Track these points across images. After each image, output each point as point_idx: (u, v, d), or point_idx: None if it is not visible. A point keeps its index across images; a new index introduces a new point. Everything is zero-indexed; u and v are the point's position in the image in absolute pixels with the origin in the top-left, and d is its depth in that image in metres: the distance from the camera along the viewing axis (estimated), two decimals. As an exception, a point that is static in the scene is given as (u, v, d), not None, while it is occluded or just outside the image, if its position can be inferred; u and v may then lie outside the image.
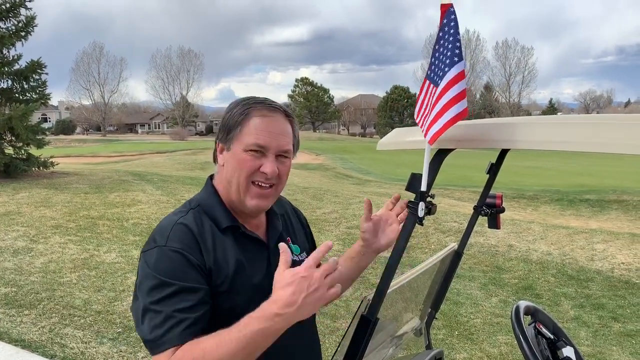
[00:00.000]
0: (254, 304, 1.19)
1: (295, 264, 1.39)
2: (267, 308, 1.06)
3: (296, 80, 78.67)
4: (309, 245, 1.54)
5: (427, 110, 1.26)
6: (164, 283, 1.14)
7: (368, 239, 1.49)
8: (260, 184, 1.26)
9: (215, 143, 1.33)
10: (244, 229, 1.30)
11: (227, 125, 1.28)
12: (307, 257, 1.44)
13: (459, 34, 1.20)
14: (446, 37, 1.21)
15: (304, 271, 1.05)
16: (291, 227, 1.48)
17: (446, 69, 1.20)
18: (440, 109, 1.19)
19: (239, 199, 1.28)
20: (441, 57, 1.23)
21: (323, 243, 1.10)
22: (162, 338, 1.11)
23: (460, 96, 1.18)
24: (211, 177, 1.38)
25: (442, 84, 1.20)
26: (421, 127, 1.27)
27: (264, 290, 1.28)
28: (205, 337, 1.10)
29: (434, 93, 1.23)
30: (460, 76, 1.19)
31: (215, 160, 1.35)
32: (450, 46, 1.20)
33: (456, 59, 1.19)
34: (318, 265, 1.09)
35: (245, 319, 1.07)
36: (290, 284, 1.05)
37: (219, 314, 1.21)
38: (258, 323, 1.05)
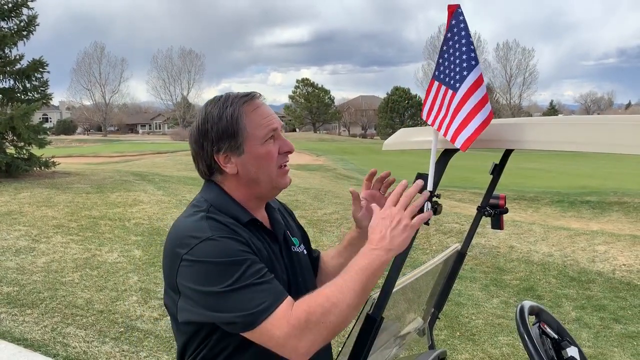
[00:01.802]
0: None
1: (298, 255, 1.41)
2: (365, 248, 1.18)
3: (297, 81, 78.64)
4: (301, 233, 1.55)
5: (446, 115, 1.26)
6: (232, 263, 1.12)
7: (362, 220, 1.47)
8: (285, 164, 1.32)
9: (211, 157, 1.27)
10: (261, 223, 1.31)
11: (227, 134, 1.25)
12: (305, 248, 1.47)
13: (470, 36, 1.21)
14: (456, 38, 1.22)
15: (382, 213, 1.20)
16: (286, 221, 1.48)
17: (464, 72, 1.21)
18: (467, 114, 1.20)
19: (271, 187, 1.32)
20: (452, 59, 1.23)
21: (400, 183, 1.24)
22: (264, 303, 1.09)
23: (484, 100, 1.20)
24: (209, 180, 1.34)
25: (463, 88, 1.21)
26: (442, 132, 1.27)
27: (284, 283, 1.28)
28: (318, 289, 1.15)
29: (453, 97, 1.23)
30: (480, 80, 1.21)
31: (210, 174, 1.31)
32: (464, 49, 1.21)
33: (473, 62, 1.21)
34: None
35: (351, 261, 1.17)
36: (374, 228, 1.19)
37: None
38: (363, 259, 1.15)
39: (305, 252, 1.47)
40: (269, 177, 1.29)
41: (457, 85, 1.23)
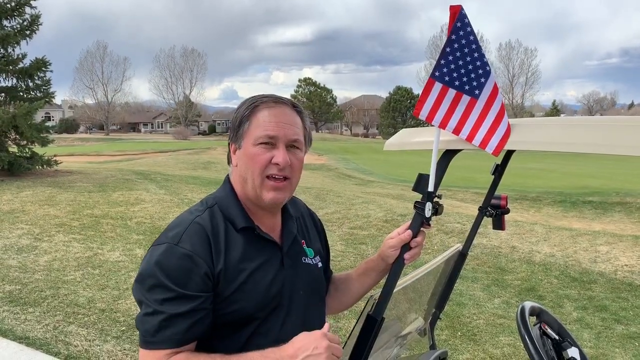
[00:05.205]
0: (265, 308, 1.19)
1: (309, 266, 1.38)
2: (271, 351, 1.13)
3: (299, 80, 78.84)
4: (323, 250, 1.52)
5: (465, 121, 1.27)
6: (164, 285, 1.15)
7: (391, 255, 1.44)
8: (274, 176, 1.25)
9: (229, 145, 1.33)
10: (259, 231, 1.29)
11: (236, 123, 1.29)
12: (320, 261, 1.44)
13: (477, 40, 1.22)
14: (463, 42, 1.21)
15: (315, 333, 1.13)
16: (306, 230, 1.46)
17: (482, 79, 1.23)
18: (493, 121, 1.23)
19: (255, 194, 1.27)
20: (462, 63, 1.22)
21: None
22: (153, 337, 1.15)
23: (503, 107, 1.24)
24: (229, 175, 1.37)
25: (484, 95, 1.24)
26: (464, 136, 1.28)
27: (275, 294, 1.26)
28: (204, 355, 1.15)
29: (473, 104, 1.25)
30: (496, 87, 1.25)
31: (229, 161, 1.34)
32: (475, 55, 1.22)
33: (487, 68, 1.23)
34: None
35: (248, 354, 1.14)
36: (300, 340, 1.13)
37: (227, 316, 1.20)
38: None
39: (319, 264, 1.43)
40: (253, 182, 1.26)
41: (477, 92, 1.24)
